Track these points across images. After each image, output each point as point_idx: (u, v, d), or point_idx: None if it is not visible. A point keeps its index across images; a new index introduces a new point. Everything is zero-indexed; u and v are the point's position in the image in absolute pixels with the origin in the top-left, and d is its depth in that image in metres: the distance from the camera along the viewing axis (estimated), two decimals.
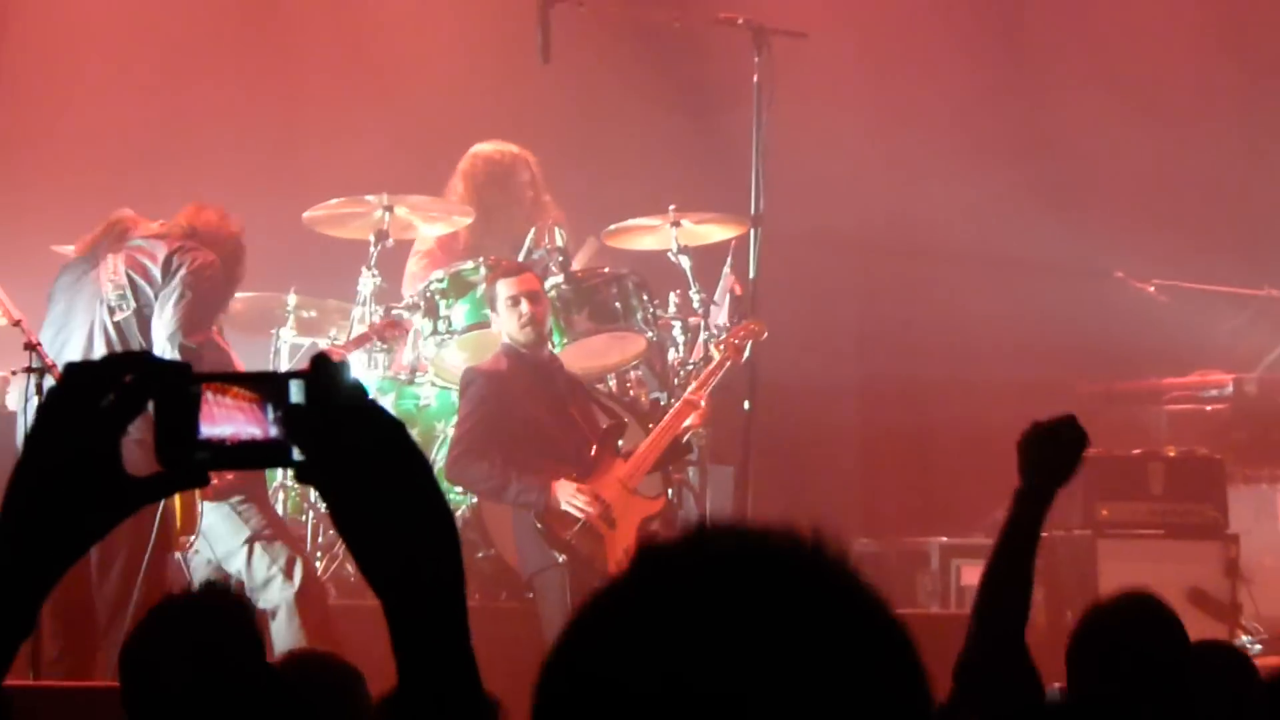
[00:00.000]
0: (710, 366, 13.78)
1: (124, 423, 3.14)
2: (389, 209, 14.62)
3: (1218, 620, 13.39)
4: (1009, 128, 18.25)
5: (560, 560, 13.50)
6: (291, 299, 14.74)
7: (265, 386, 3.13)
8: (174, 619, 6.57)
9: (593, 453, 13.67)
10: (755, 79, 14.52)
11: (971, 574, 14.58)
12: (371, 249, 14.55)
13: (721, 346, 13.87)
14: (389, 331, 14.14)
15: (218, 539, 12.54)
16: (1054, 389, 14.27)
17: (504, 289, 13.62)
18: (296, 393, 3.13)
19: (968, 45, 18.25)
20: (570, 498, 13.38)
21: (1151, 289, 16.63)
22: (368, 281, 14.41)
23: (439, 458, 14.09)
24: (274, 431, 3.14)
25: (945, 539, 15.25)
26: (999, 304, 16.68)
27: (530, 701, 3.08)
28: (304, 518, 14.44)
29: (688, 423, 13.71)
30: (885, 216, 17.07)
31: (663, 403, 14.43)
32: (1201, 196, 17.71)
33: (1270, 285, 16.68)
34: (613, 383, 14.70)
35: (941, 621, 13.46)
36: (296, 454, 3.15)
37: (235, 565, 12.52)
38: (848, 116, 17.47)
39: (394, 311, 14.69)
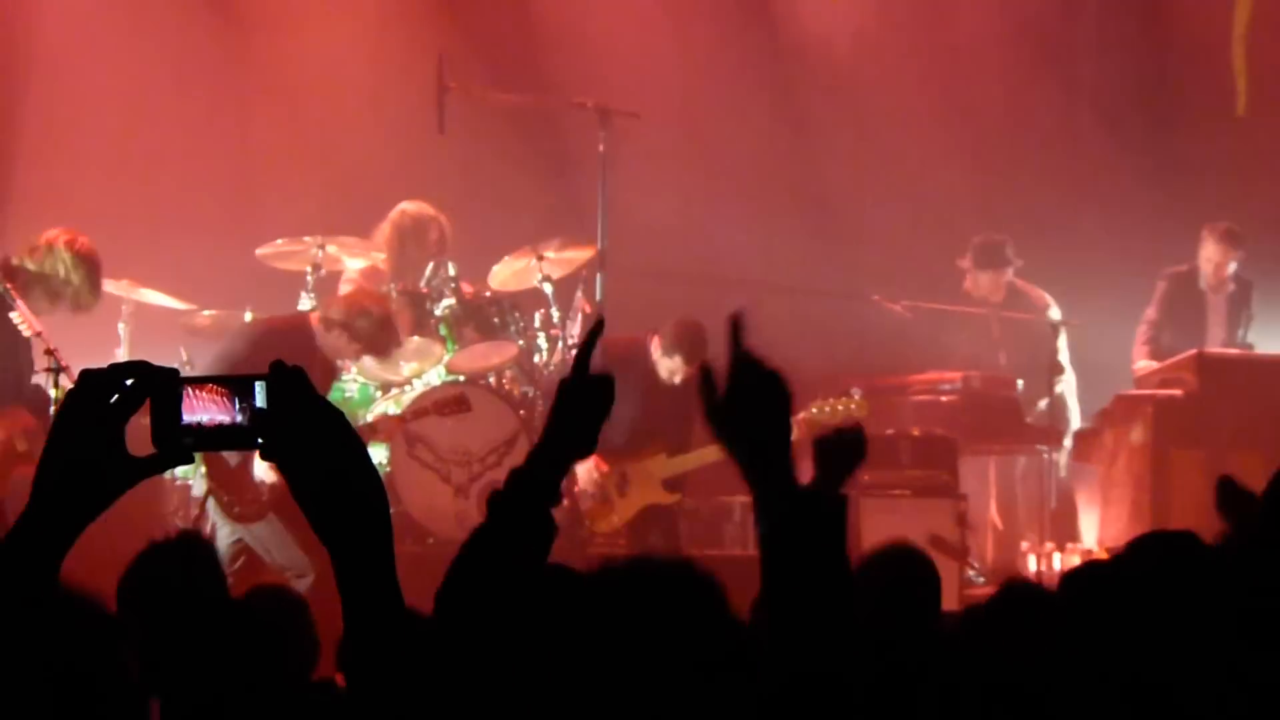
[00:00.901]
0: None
1: (126, 416, 3.42)
2: (322, 247, 14.90)
3: (951, 559, 13.52)
4: (792, 184, 18.58)
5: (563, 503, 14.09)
6: (248, 315, 14.70)
7: (234, 385, 3.38)
8: (160, 555, 6.95)
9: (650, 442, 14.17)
10: (600, 148, 14.98)
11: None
12: (309, 277, 14.82)
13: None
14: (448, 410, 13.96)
15: (276, 548, 12.82)
16: (827, 384, 14.20)
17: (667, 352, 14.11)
18: (259, 390, 3.36)
19: (760, 120, 18.53)
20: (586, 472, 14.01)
21: (899, 308, 16.68)
22: (306, 301, 14.62)
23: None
24: (240, 419, 3.38)
25: (744, 498, 14.76)
26: (786, 319, 16.37)
27: None
28: None
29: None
30: (700, 252, 17.31)
31: (530, 395, 14.70)
32: (933, 239, 17.84)
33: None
34: (493, 379, 14.77)
35: (742, 561, 13.02)
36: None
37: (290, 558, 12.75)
38: (670, 176, 17.65)
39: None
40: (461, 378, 14.67)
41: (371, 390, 14.62)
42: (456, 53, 16.07)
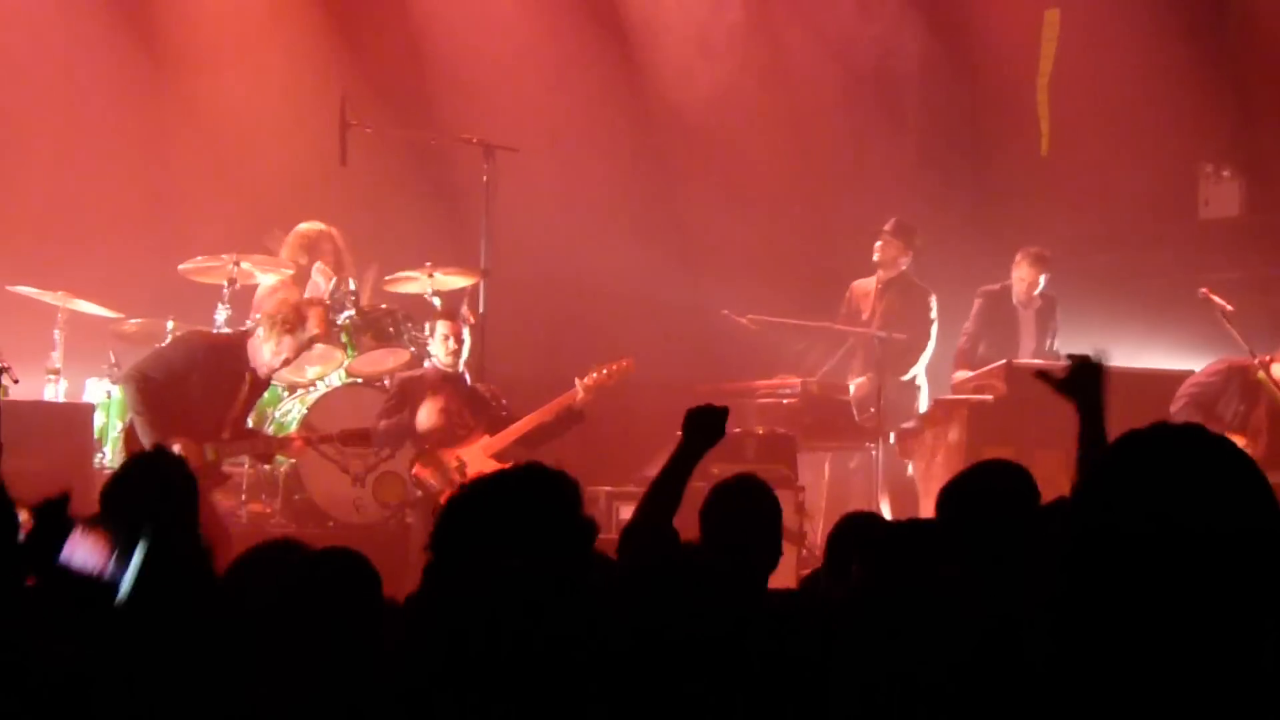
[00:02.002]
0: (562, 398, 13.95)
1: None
2: (237, 263, 14.79)
3: (791, 544, 12.67)
4: (652, 212, 18.56)
5: (419, 494, 13.76)
6: (170, 324, 14.75)
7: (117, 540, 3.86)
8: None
9: (468, 431, 13.92)
10: (484, 178, 15.19)
11: (627, 511, 14.82)
12: (225, 290, 14.72)
13: (604, 371, 14.06)
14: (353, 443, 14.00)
15: None
16: (681, 388, 14.39)
17: (440, 328, 13.97)
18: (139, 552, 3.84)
19: (625, 155, 18.51)
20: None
21: (746, 321, 16.45)
22: (222, 312, 14.60)
23: (271, 427, 14.49)
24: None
25: (609, 488, 15.09)
26: (649, 328, 16.70)
27: None
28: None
29: (574, 403, 13.97)
30: (569, 270, 17.21)
31: None
32: (776, 262, 17.94)
33: (826, 319, 16.77)
34: (387, 382, 14.66)
35: (607, 542, 13.67)
36: None
37: None
38: (545, 203, 17.56)
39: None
40: (360, 380, 14.76)
41: (279, 390, 14.75)
42: (358, 93, 16.09)
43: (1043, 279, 16.40)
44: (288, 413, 14.64)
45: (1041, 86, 18.49)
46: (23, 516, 11.94)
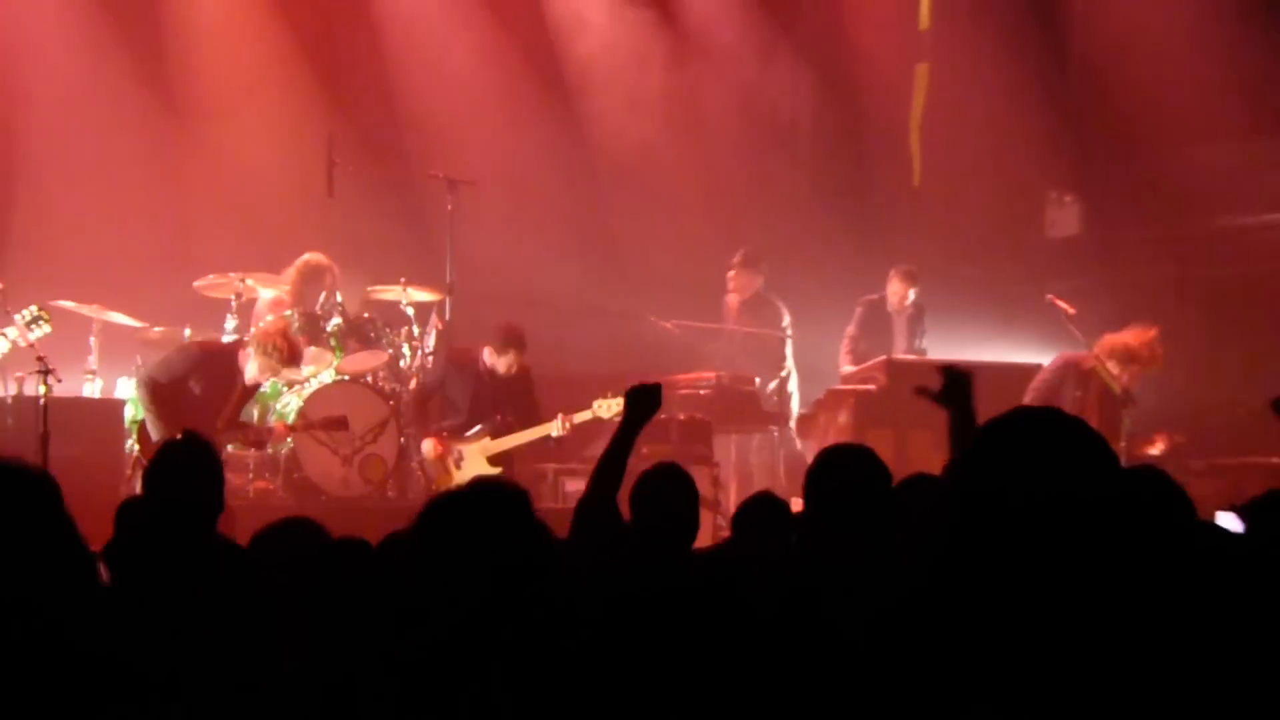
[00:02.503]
0: (585, 412, 13.96)
1: None
2: (243, 280, 14.99)
3: (708, 511, 12.50)
4: (590, 234, 18.63)
5: (416, 470, 13.99)
6: (187, 332, 14.76)
7: None
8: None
9: (475, 428, 14.14)
10: (449, 207, 15.33)
11: (572, 484, 15.16)
12: (232, 303, 14.90)
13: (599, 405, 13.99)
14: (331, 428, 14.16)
15: None
16: (615, 380, 14.34)
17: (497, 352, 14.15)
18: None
19: (566, 186, 18.63)
20: (429, 449, 14.11)
21: (670, 325, 16.76)
22: (230, 321, 14.74)
23: (272, 417, 14.37)
24: None
25: (555, 465, 15.28)
26: (583, 334, 16.95)
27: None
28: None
29: (554, 433, 14.01)
30: (521, 283, 16.97)
31: (396, 390, 14.73)
32: (694, 275, 17.75)
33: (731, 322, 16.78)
34: (370, 378, 14.71)
35: (555, 512, 12.64)
36: None
37: None
38: (500, 227, 17.57)
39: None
40: (346, 377, 14.67)
41: (279, 385, 14.59)
42: (341, 135, 16.04)
43: (911, 291, 16.58)
44: (286, 405, 14.47)
45: (913, 128, 18.54)
46: None
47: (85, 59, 17.23)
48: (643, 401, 6.91)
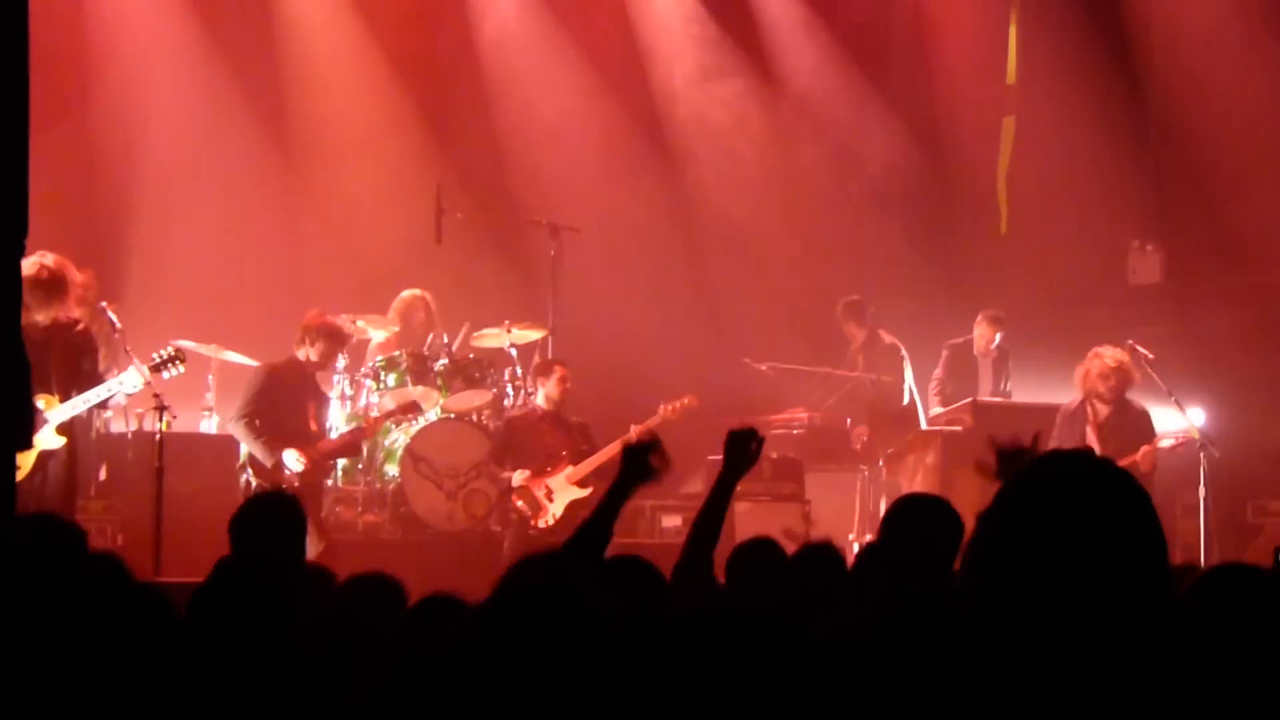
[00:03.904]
0: (652, 420, 13.85)
1: None
2: (353, 321, 14.98)
3: (797, 544, 13.26)
4: (687, 280, 18.72)
5: (513, 515, 13.90)
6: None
7: None
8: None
9: (559, 459, 13.97)
10: (552, 253, 15.39)
11: (668, 520, 15.51)
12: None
13: (666, 408, 14.07)
14: (407, 413, 14.32)
15: None
16: (713, 422, 14.50)
17: (558, 371, 14.08)
18: None
19: (665, 233, 18.58)
20: (521, 479, 13.86)
21: (764, 368, 16.65)
22: (341, 360, 14.56)
23: (381, 454, 14.64)
24: None
25: (652, 501, 15.40)
26: (684, 373, 16.05)
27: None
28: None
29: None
30: (620, 327, 17.11)
31: (500, 427, 14.52)
32: (789, 318, 17.93)
33: (828, 365, 16.76)
34: (475, 416, 14.78)
35: (652, 547, 13.49)
36: None
37: None
38: (603, 272, 17.40)
39: (361, 374, 14.82)
40: (453, 415, 14.71)
41: (389, 424, 14.57)
42: (450, 184, 16.13)
43: (998, 335, 16.53)
44: (395, 441, 14.60)
45: (1000, 177, 18.48)
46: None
47: (205, 107, 17.43)
48: (741, 450, 6.52)
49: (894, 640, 4.39)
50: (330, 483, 14.94)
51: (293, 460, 12.78)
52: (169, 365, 11.71)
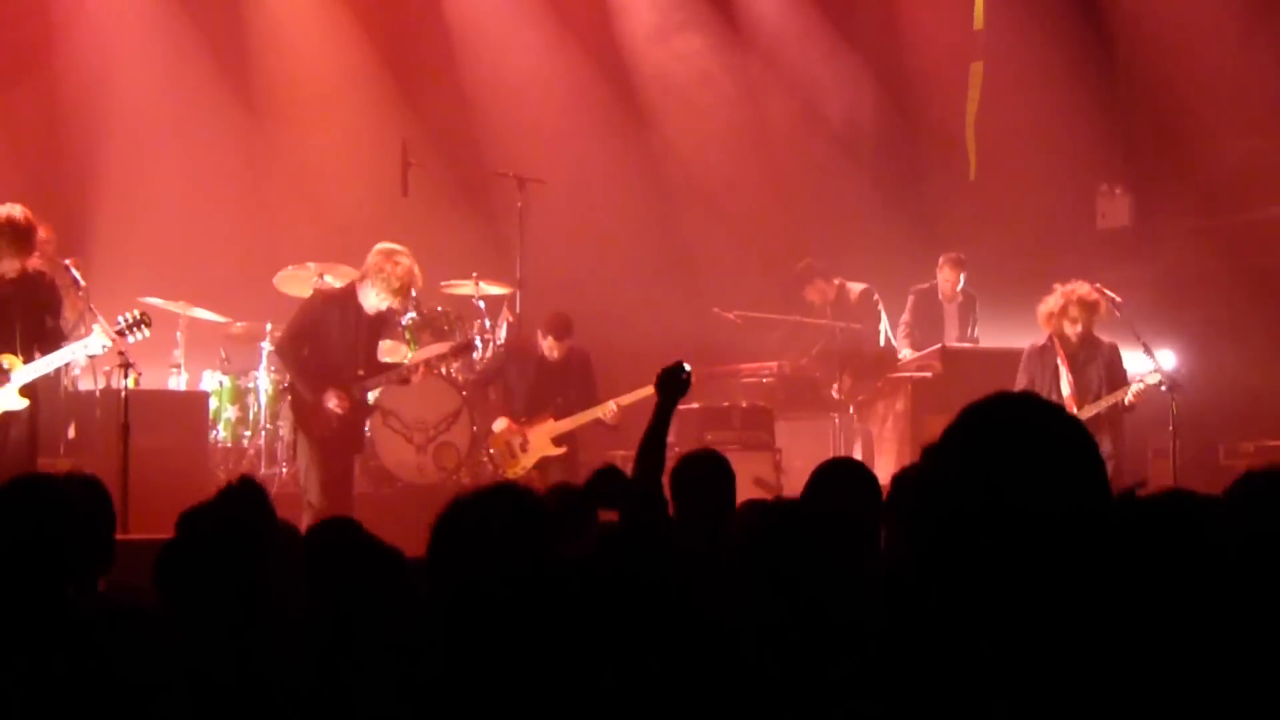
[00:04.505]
0: (639, 391, 13.49)
1: None
2: (320, 275, 14.91)
3: (769, 493, 12.94)
4: (654, 230, 18.58)
5: (486, 462, 13.93)
6: (269, 326, 14.87)
7: None
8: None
9: (543, 412, 13.94)
10: (519, 204, 15.28)
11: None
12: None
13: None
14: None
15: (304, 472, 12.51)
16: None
17: (546, 340, 13.88)
18: None
19: (632, 183, 18.57)
20: (500, 426, 13.88)
21: (733, 316, 16.52)
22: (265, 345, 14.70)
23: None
24: None
25: (623, 451, 14.14)
26: (653, 322, 16.57)
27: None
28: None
29: (603, 416, 13.80)
30: (587, 277, 17.17)
31: (469, 380, 14.66)
32: (757, 269, 17.95)
33: (798, 313, 16.74)
34: (444, 369, 14.61)
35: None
36: None
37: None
38: (568, 223, 17.37)
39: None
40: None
41: None
42: (415, 137, 16.06)
43: (961, 277, 16.53)
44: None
45: (969, 124, 18.34)
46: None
47: (169, 63, 17.32)
48: (671, 383, 6.72)
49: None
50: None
51: (333, 403, 12.54)
52: (135, 329, 11.53)
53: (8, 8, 16.88)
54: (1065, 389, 13.25)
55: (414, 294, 13.38)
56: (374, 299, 12.62)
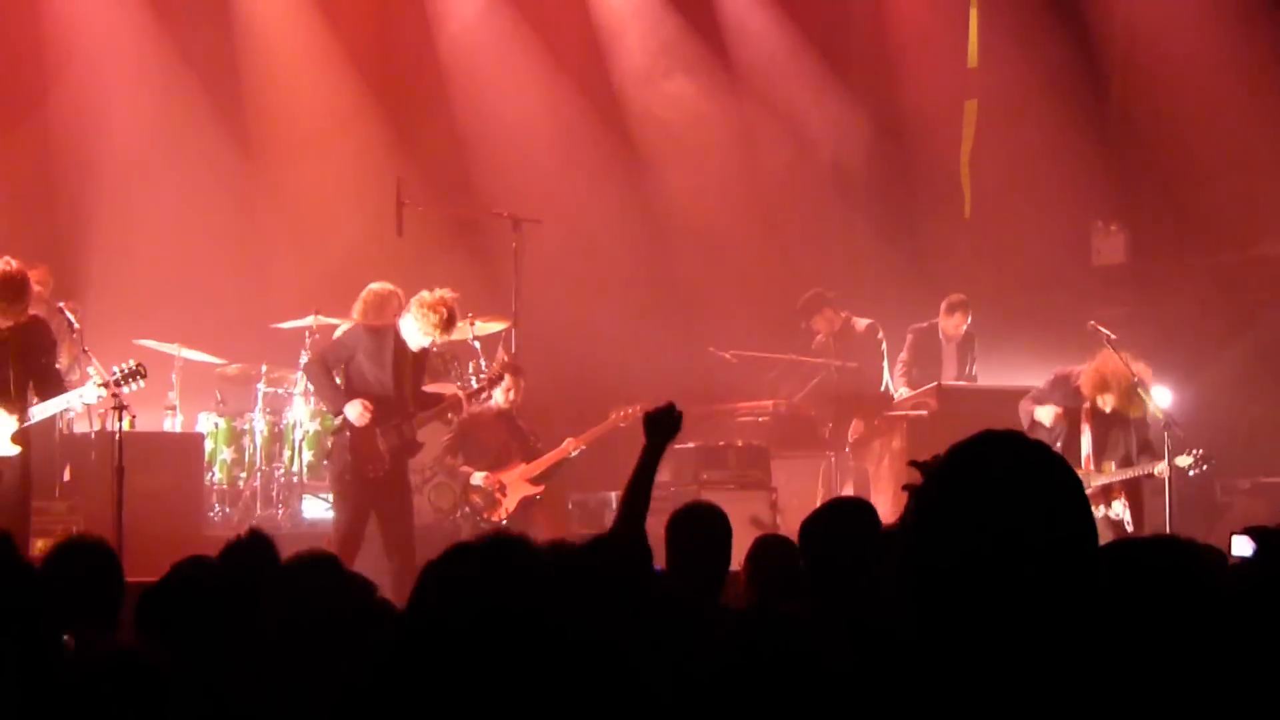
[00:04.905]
0: (601, 426, 13.92)
1: None
2: (316, 316, 14.92)
3: (765, 532, 13.27)
4: (650, 271, 18.58)
5: (467, 510, 13.86)
6: (264, 368, 15.05)
7: None
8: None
9: (510, 458, 13.91)
10: (514, 244, 15.27)
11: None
12: (307, 339, 14.92)
13: (616, 415, 13.98)
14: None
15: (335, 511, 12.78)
16: (681, 405, 14.58)
17: (507, 380, 13.80)
18: None
19: (629, 224, 18.56)
20: (479, 480, 13.79)
21: (728, 356, 16.64)
22: (304, 356, 14.58)
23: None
24: None
25: (616, 491, 15.53)
26: (649, 363, 16.44)
27: None
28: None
29: (573, 454, 13.86)
30: (583, 317, 17.19)
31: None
32: (752, 310, 17.89)
33: (794, 352, 16.75)
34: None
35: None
36: None
37: None
38: (563, 263, 17.39)
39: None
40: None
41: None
42: (410, 177, 16.02)
43: (964, 322, 16.47)
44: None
45: (964, 162, 18.45)
46: (40, 545, 11.91)
47: (163, 105, 17.33)
48: (661, 425, 6.69)
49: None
50: (296, 480, 14.91)
51: (354, 412, 12.45)
52: (131, 379, 11.54)
53: (2, 51, 16.89)
54: (1085, 448, 13.20)
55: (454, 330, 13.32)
56: (419, 336, 12.66)
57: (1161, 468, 12.99)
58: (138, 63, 17.23)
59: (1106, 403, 13.27)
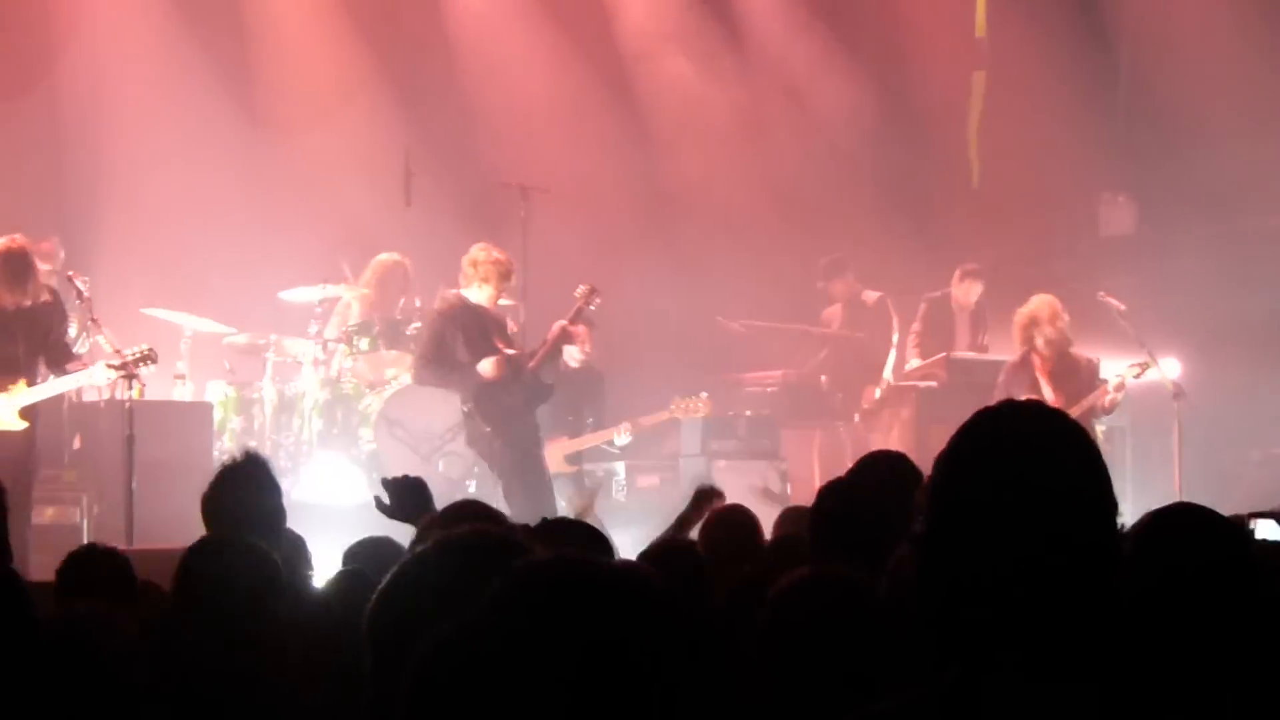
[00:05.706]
0: (657, 415, 14.16)
1: None
2: (323, 286, 14.89)
3: (774, 504, 12.86)
4: (659, 240, 18.33)
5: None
6: (273, 337, 14.95)
7: None
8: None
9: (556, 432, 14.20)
10: (522, 214, 15.17)
11: (644, 479, 15.42)
12: (316, 309, 14.86)
13: (676, 405, 14.15)
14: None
15: None
16: (685, 380, 14.65)
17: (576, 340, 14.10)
18: None
19: (637, 194, 18.56)
20: None
21: (737, 326, 16.84)
22: (313, 326, 14.76)
23: (356, 417, 14.61)
24: None
25: (629, 460, 15.26)
26: (655, 335, 16.79)
27: None
28: None
29: (617, 439, 14.25)
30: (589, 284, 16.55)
31: None
32: (762, 277, 17.80)
33: (803, 323, 16.97)
34: None
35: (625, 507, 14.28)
36: None
37: None
38: (571, 231, 17.04)
39: (333, 339, 14.85)
40: None
41: (362, 387, 14.61)
42: (417, 147, 15.90)
43: (976, 289, 16.48)
44: (369, 405, 14.54)
45: (971, 132, 18.51)
46: (50, 513, 12.00)
47: (171, 75, 17.23)
48: (704, 499, 7.32)
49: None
50: (306, 448, 14.90)
51: (486, 365, 12.75)
52: (141, 363, 11.63)
53: (8, 22, 16.86)
54: (1049, 398, 13.25)
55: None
56: (490, 293, 13.19)
57: (1115, 382, 13.48)
58: (146, 32, 17.14)
59: (1043, 338, 13.41)
